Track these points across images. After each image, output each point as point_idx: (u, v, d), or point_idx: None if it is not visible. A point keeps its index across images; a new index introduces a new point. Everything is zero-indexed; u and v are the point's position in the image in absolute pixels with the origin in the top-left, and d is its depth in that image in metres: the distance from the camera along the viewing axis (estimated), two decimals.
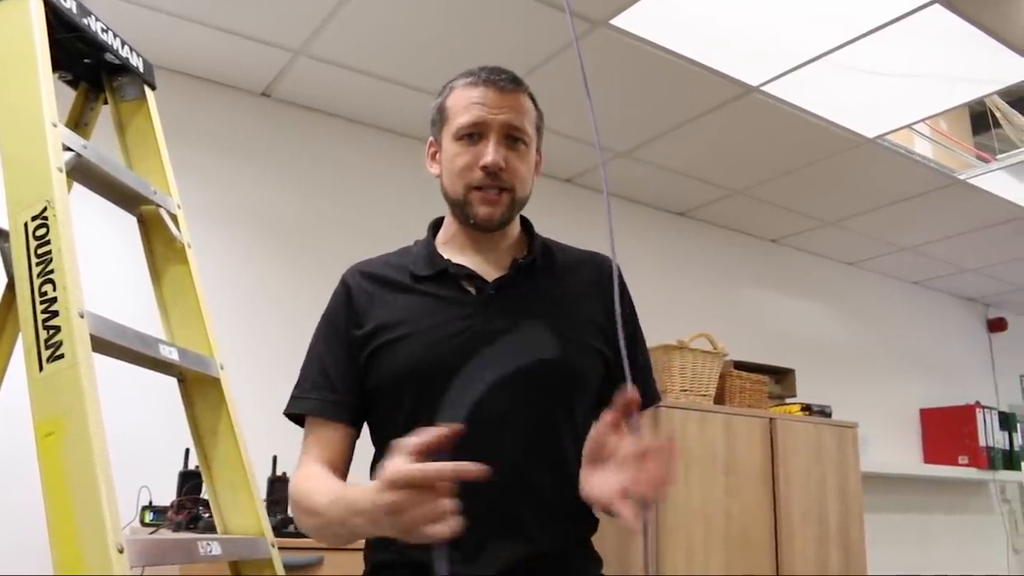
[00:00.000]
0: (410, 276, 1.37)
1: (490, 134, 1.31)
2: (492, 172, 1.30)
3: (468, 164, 1.31)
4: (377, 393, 1.32)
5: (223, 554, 1.36)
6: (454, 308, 1.31)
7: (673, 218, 4.36)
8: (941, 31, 2.72)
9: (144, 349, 1.39)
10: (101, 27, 1.62)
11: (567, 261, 1.44)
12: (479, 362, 1.16)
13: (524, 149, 1.35)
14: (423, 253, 1.40)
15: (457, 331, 1.28)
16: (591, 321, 1.37)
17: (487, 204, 1.32)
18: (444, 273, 1.35)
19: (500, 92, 1.33)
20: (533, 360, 1.27)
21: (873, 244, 4.82)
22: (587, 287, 1.40)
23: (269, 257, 3.12)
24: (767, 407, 3.63)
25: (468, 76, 1.37)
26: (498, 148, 1.30)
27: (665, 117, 3.33)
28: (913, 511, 4.98)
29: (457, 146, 1.33)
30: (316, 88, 3.17)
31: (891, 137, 3.55)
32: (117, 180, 1.55)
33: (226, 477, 1.58)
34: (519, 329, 1.29)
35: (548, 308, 1.35)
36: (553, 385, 1.30)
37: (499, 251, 1.39)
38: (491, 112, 1.32)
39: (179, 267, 1.67)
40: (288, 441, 2.40)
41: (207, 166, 3.04)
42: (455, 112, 1.35)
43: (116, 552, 1.09)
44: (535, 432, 1.26)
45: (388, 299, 1.35)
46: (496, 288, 1.33)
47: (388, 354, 1.30)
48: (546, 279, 1.38)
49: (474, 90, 1.34)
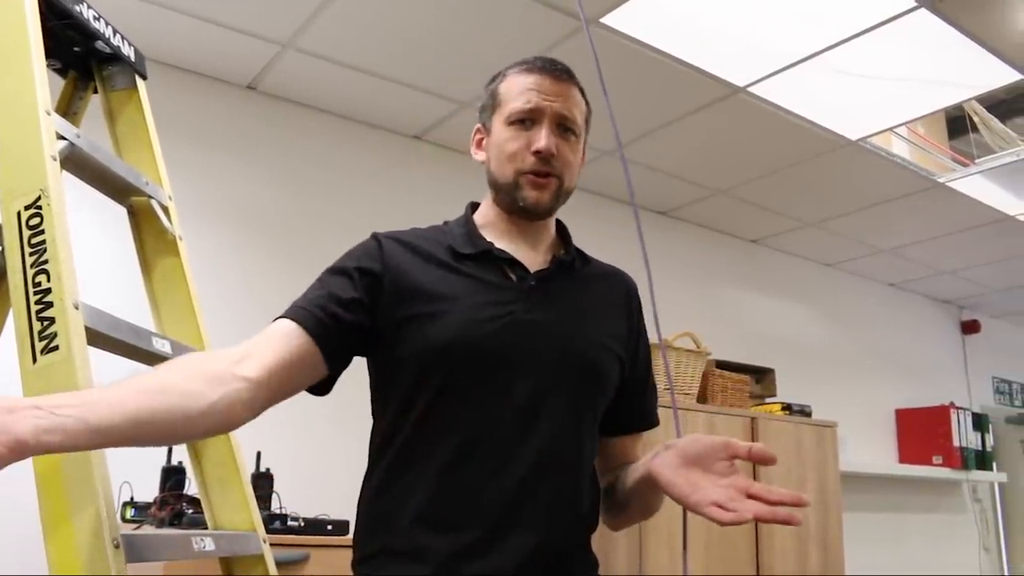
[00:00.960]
0: (449, 252, 1.32)
1: (543, 120, 1.30)
2: (544, 158, 1.28)
3: (520, 148, 1.29)
4: (400, 366, 1.25)
5: (216, 550, 1.34)
6: (495, 292, 1.28)
7: (656, 217, 4.37)
8: (926, 35, 2.75)
9: (137, 342, 1.38)
10: (93, 15, 1.60)
11: (598, 270, 1.45)
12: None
13: (574, 140, 1.34)
14: (461, 231, 1.36)
15: (496, 315, 1.25)
16: (618, 333, 1.38)
17: (536, 188, 1.30)
18: (486, 255, 1.31)
19: (555, 80, 1.32)
20: (569, 356, 1.27)
21: (852, 246, 4.87)
22: (615, 300, 1.42)
23: (253, 252, 3.10)
24: (749, 406, 3.65)
25: (523, 64, 1.35)
26: (550, 135, 1.29)
27: (651, 116, 3.34)
28: (888, 510, 5.04)
29: (509, 130, 1.31)
30: (303, 82, 3.14)
31: (871, 140, 3.58)
32: (109, 170, 1.53)
33: (217, 473, 1.56)
34: (554, 324, 1.28)
35: (582, 308, 1.34)
36: (584, 383, 1.29)
37: (538, 244, 1.37)
38: (545, 99, 1.30)
39: (170, 259, 1.66)
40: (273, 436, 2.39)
41: (191, 159, 3.01)
42: (509, 97, 1.33)
43: (112, 547, 1.07)
44: (557, 428, 1.24)
45: (424, 270, 1.29)
46: (537, 280, 1.31)
47: (426, 326, 1.23)
48: (581, 280, 1.38)
49: (529, 76, 1.33)
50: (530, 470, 1.20)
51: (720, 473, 1.12)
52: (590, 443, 1.31)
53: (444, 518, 1.18)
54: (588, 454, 1.30)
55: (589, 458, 1.31)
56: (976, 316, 6.08)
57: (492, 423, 1.21)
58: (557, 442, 1.24)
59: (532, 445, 1.21)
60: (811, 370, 4.84)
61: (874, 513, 4.93)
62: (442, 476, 1.19)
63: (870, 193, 4.09)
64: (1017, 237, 4.65)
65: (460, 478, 1.19)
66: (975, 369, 6.03)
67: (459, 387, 1.22)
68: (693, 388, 3.33)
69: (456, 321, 1.23)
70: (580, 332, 1.31)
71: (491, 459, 1.19)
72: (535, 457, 1.21)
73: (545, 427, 1.23)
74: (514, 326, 1.25)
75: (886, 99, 3.20)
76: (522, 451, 1.21)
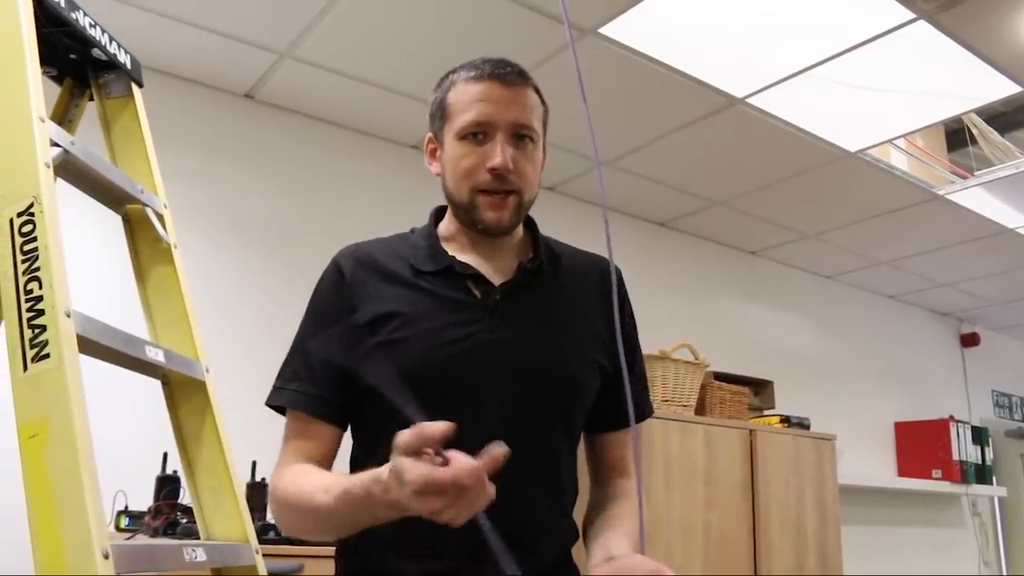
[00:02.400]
0: (410, 269, 1.27)
1: (496, 133, 1.22)
2: (500, 175, 1.21)
3: (474, 165, 1.23)
4: (369, 394, 1.20)
5: (207, 560, 1.33)
6: (457, 312, 1.23)
7: (654, 228, 4.37)
8: (925, 47, 2.75)
9: (130, 350, 1.36)
10: (89, 22, 1.60)
11: (571, 265, 1.36)
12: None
13: (531, 148, 1.26)
14: (423, 245, 1.31)
15: (459, 337, 1.21)
16: (594, 332, 1.31)
17: (494, 209, 1.23)
18: (448, 271, 1.26)
19: (507, 87, 1.24)
20: (540, 374, 1.22)
21: (851, 258, 4.86)
22: (592, 294, 1.34)
23: (250, 260, 3.09)
24: (747, 418, 3.64)
25: (471, 69, 1.26)
26: (505, 148, 1.21)
27: (650, 127, 3.34)
28: (887, 523, 5.02)
29: (461, 146, 1.24)
30: (301, 91, 3.14)
31: (871, 151, 3.58)
32: (104, 178, 1.52)
33: (210, 482, 1.55)
34: (523, 341, 1.22)
35: (552, 318, 1.28)
36: (554, 401, 1.24)
37: (504, 252, 1.31)
38: (497, 110, 1.22)
39: (165, 268, 1.64)
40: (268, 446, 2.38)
41: (188, 167, 3.00)
42: (458, 108, 1.25)
43: (101, 557, 1.06)
44: (533, 446, 1.20)
45: (385, 290, 1.25)
46: (502, 294, 1.25)
47: (388, 354, 1.20)
48: (551, 284, 1.31)
49: (478, 85, 1.24)
50: (505, 493, 1.11)
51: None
52: (567, 457, 1.28)
53: (417, 546, 1.16)
54: (566, 469, 1.27)
55: (568, 472, 1.28)
56: (976, 329, 6.08)
57: (463, 450, 1.13)
58: (530, 462, 1.20)
59: (509, 471, 1.13)
60: (810, 382, 4.82)
61: (873, 527, 4.91)
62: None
63: (869, 205, 4.09)
64: (1016, 250, 4.65)
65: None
66: (975, 382, 6.02)
67: (427, 418, 1.13)
68: (691, 400, 3.31)
69: (416, 346, 1.20)
70: (551, 345, 1.25)
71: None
72: (507, 481, 1.12)
73: (522, 452, 1.15)
74: (477, 349, 1.20)
75: (885, 111, 3.21)
76: (497, 481, 1.14)
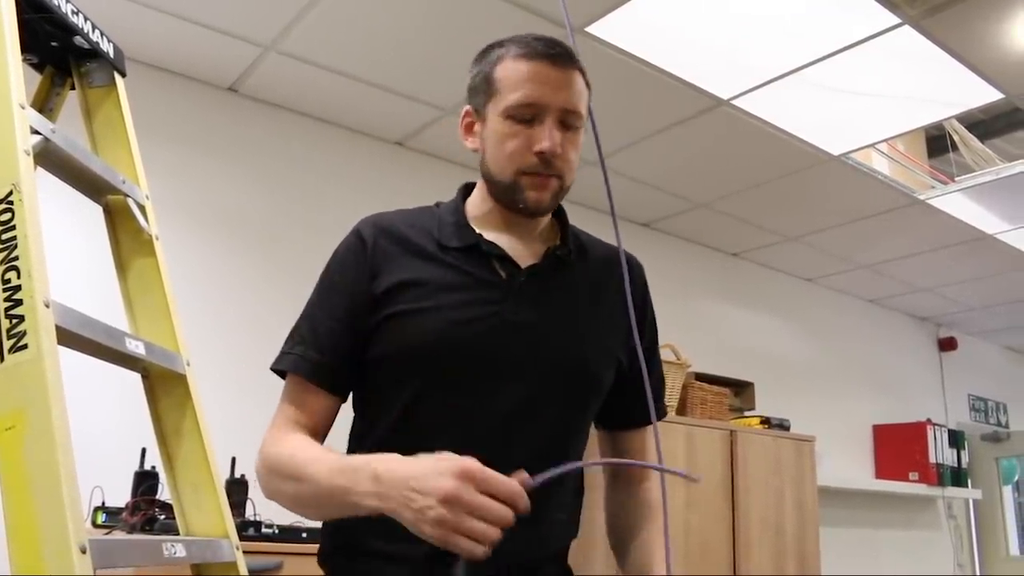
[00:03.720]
0: (435, 243, 1.24)
1: (547, 116, 1.19)
2: (547, 159, 1.19)
3: (520, 147, 1.19)
4: (382, 363, 1.20)
5: (187, 556, 1.31)
6: (482, 289, 1.21)
7: (637, 229, 4.37)
8: (910, 53, 2.77)
9: (110, 342, 1.34)
10: (71, 9, 1.57)
11: (597, 256, 1.35)
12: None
13: (576, 134, 1.23)
14: (450, 221, 1.27)
15: (483, 315, 1.18)
16: (615, 325, 1.29)
17: (537, 189, 1.20)
18: (474, 248, 1.23)
19: (559, 69, 1.20)
20: (560, 361, 1.21)
21: (832, 261, 4.89)
22: (612, 288, 1.31)
23: (231, 254, 3.06)
24: (728, 419, 3.65)
25: (521, 46, 1.22)
26: (554, 133, 1.18)
27: (634, 127, 3.34)
28: (864, 525, 5.05)
29: (508, 125, 1.20)
30: (285, 85, 3.12)
31: (853, 156, 3.60)
32: (85, 167, 1.50)
33: (189, 477, 1.53)
34: (545, 325, 1.21)
35: (575, 306, 1.26)
36: (571, 390, 1.23)
37: (532, 235, 1.29)
38: (549, 92, 1.19)
39: (146, 260, 1.62)
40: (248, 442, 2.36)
41: (170, 160, 2.97)
42: (507, 86, 1.20)
43: (79, 552, 1.04)
44: (546, 436, 1.20)
45: (408, 263, 1.22)
46: (527, 276, 1.23)
47: (405, 324, 1.18)
48: (576, 273, 1.29)
49: (530, 63, 1.20)
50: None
51: None
52: (577, 445, 1.26)
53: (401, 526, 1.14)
54: (575, 457, 1.25)
55: (576, 473, 1.27)
56: (953, 333, 6.13)
57: (475, 434, 1.14)
58: (541, 452, 1.18)
59: (514, 458, 1.12)
60: (790, 384, 4.85)
61: (850, 528, 4.94)
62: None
63: (851, 209, 4.11)
64: (994, 256, 4.69)
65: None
66: (951, 386, 6.07)
67: (440, 393, 1.16)
68: (673, 401, 3.32)
69: (440, 320, 1.17)
70: (572, 333, 1.24)
71: None
72: (516, 469, 1.16)
73: (532, 439, 1.18)
74: (501, 328, 1.18)
75: (868, 115, 3.22)
76: (505, 467, 1.16)
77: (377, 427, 1.20)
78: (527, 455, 1.16)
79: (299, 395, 1.22)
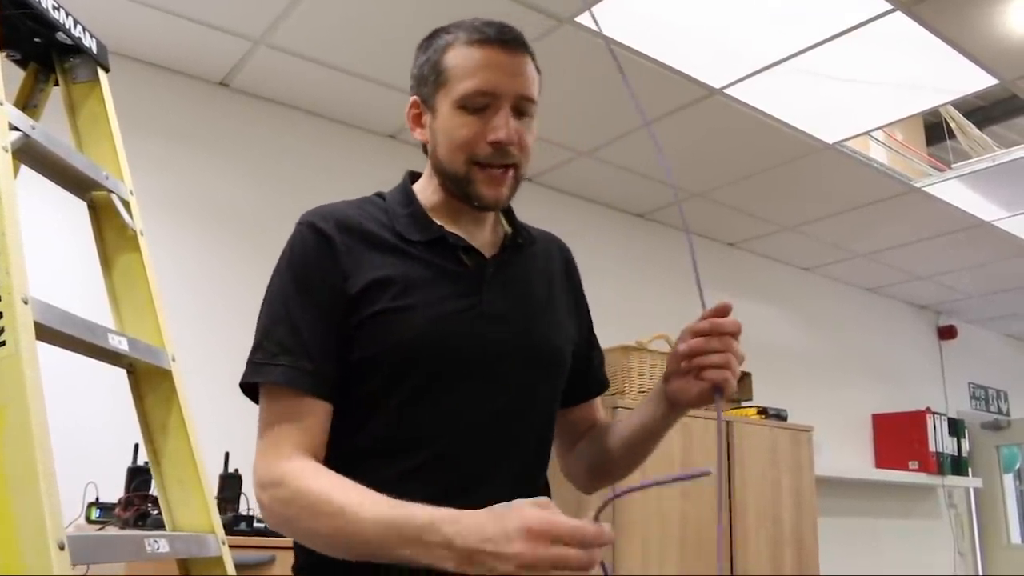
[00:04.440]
0: (397, 237, 1.19)
1: (501, 104, 1.15)
2: (503, 148, 1.15)
3: (473, 136, 1.15)
4: (366, 367, 1.12)
5: (171, 551, 1.31)
6: (455, 283, 1.17)
7: (633, 219, 4.36)
8: (902, 39, 2.75)
9: (92, 338, 1.34)
10: (52, 4, 1.57)
11: (538, 241, 1.34)
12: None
13: (530, 121, 1.19)
14: (405, 213, 1.22)
15: (462, 309, 1.15)
16: (567, 308, 1.32)
17: (492, 185, 1.17)
18: (440, 241, 1.19)
19: (512, 54, 1.16)
20: (537, 348, 1.21)
21: (829, 250, 4.88)
22: (558, 272, 1.34)
23: (223, 249, 3.06)
24: (724, 410, 3.64)
25: (471, 31, 1.18)
26: (510, 120, 1.14)
27: (627, 118, 3.32)
28: (864, 515, 5.05)
29: (460, 115, 1.15)
30: (276, 79, 3.11)
31: (849, 144, 3.59)
32: (67, 164, 1.49)
33: (176, 473, 1.53)
34: (517, 313, 1.20)
35: (537, 290, 1.26)
36: (550, 373, 1.24)
37: (486, 225, 1.26)
38: (503, 79, 1.15)
39: (131, 255, 1.62)
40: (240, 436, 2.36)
41: (162, 155, 2.97)
42: (458, 74, 1.16)
43: (57, 549, 1.04)
44: (536, 421, 1.20)
45: (375, 259, 1.16)
46: (495, 266, 1.21)
47: (388, 324, 1.12)
48: (529, 260, 1.29)
49: (482, 50, 1.16)
50: (499, 470, 1.14)
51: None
52: (552, 428, 1.27)
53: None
54: (549, 441, 1.26)
55: (549, 445, 1.27)
56: (953, 322, 6.12)
57: (470, 429, 1.13)
58: (534, 440, 1.21)
59: (512, 448, 1.15)
60: (789, 374, 4.84)
61: (850, 518, 4.94)
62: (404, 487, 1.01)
63: (847, 197, 4.10)
64: (993, 243, 4.68)
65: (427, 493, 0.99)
66: (952, 375, 6.06)
67: (431, 392, 1.12)
68: None
69: (424, 315, 1.13)
70: (540, 318, 1.24)
71: (461, 472, 1.12)
72: (501, 457, 1.15)
73: (524, 427, 1.18)
74: (481, 319, 1.16)
75: (862, 103, 3.21)
76: (502, 458, 1.15)
77: (364, 433, 1.14)
78: (521, 443, 1.18)
79: (294, 411, 1.09)
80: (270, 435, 1.10)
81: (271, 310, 1.15)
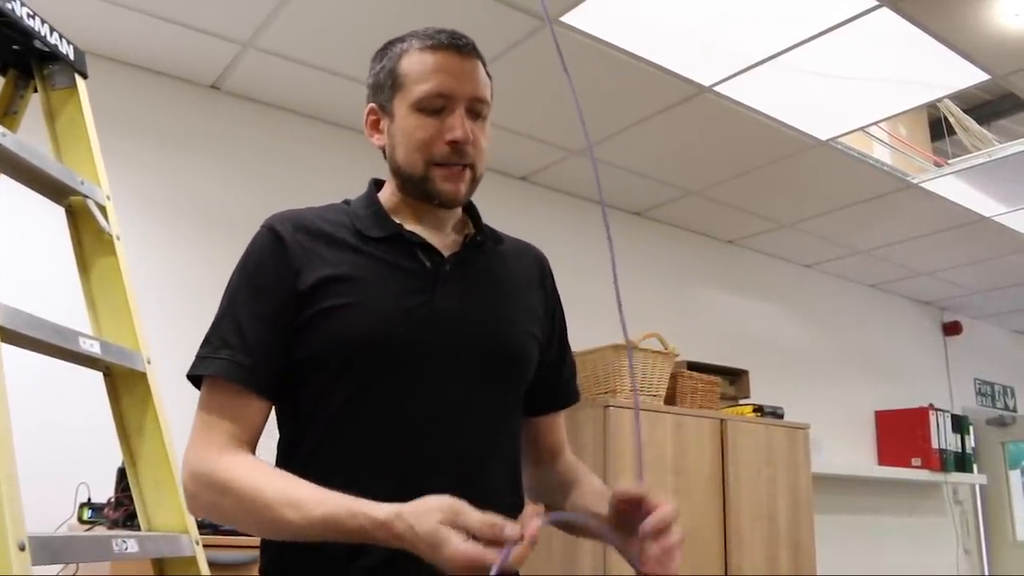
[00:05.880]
0: (356, 234, 1.23)
1: (456, 106, 1.20)
2: (459, 148, 1.19)
3: (430, 137, 1.19)
4: (314, 363, 1.16)
5: (140, 551, 1.33)
6: (410, 279, 1.20)
7: (629, 217, 4.36)
8: (889, 34, 2.75)
9: (62, 342, 1.36)
10: (27, 12, 1.59)
11: (508, 247, 1.37)
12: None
13: (484, 123, 1.25)
14: (366, 213, 1.26)
15: (414, 305, 1.17)
16: (531, 307, 1.33)
17: (450, 180, 1.21)
18: (396, 238, 1.23)
19: (463, 58, 1.22)
20: (493, 346, 1.22)
21: (829, 247, 4.87)
22: (527, 275, 1.36)
23: (216, 251, 3.08)
24: (719, 408, 3.64)
25: (425, 38, 1.23)
26: (465, 121, 1.19)
27: (619, 116, 3.33)
28: (867, 512, 5.03)
29: (417, 117, 1.20)
30: (267, 82, 3.13)
31: (847, 140, 3.58)
32: (42, 170, 1.52)
33: (152, 474, 1.55)
34: (473, 312, 1.22)
35: (496, 291, 1.28)
36: (506, 374, 1.25)
37: (447, 225, 1.29)
38: (457, 82, 1.20)
39: (107, 259, 1.65)
40: None
41: (154, 159, 2.99)
42: (414, 78, 1.21)
43: (16, 550, 1.06)
44: (487, 419, 1.20)
45: (331, 256, 1.19)
46: (452, 264, 1.23)
47: (336, 320, 1.15)
48: (492, 260, 1.31)
49: (435, 55, 1.21)
50: (461, 471, 1.14)
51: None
52: (516, 430, 1.28)
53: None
54: (516, 442, 1.27)
55: (517, 444, 1.28)
56: (958, 317, 6.09)
57: (419, 426, 1.14)
58: (485, 439, 1.20)
59: (460, 447, 1.16)
60: (790, 372, 4.83)
61: (853, 515, 4.93)
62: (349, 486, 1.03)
63: (844, 193, 4.09)
64: (994, 238, 4.65)
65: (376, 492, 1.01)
66: (957, 371, 6.03)
67: (379, 389, 1.14)
68: (660, 390, 3.31)
69: (371, 312, 1.15)
70: (500, 318, 1.25)
71: (403, 472, 1.12)
72: (463, 458, 1.16)
73: (475, 424, 1.18)
74: (433, 317, 1.18)
75: (853, 99, 3.20)
76: (452, 456, 1.15)
77: (311, 432, 1.16)
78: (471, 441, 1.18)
79: (231, 404, 1.14)
80: (205, 425, 1.14)
81: (221, 307, 1.21)
